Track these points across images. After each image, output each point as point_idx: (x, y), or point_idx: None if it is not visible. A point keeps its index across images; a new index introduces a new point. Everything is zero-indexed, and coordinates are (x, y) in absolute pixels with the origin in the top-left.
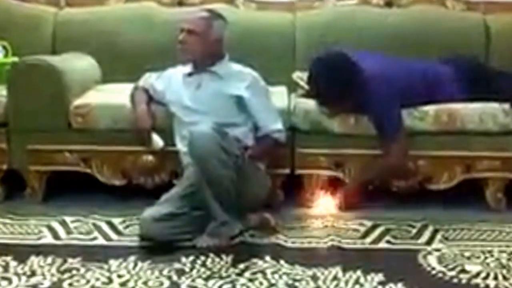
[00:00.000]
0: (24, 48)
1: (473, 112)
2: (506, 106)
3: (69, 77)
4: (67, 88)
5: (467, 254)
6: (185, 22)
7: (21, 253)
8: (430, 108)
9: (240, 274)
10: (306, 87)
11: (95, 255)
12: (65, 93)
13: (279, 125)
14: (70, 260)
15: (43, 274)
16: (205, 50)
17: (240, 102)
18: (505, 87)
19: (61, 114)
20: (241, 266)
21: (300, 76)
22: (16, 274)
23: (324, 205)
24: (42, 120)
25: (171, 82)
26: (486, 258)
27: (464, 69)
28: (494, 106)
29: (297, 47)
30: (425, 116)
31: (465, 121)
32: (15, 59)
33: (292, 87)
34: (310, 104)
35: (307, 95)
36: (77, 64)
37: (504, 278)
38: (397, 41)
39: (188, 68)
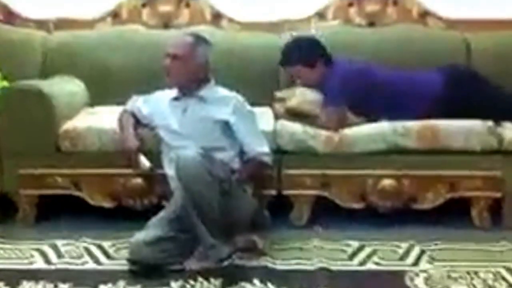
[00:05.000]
0: (14, 71)
1: (458, 130)
2: (490, 123)
3: (58, 101)
4: (56, 113)
5: (453, 275)
6: (170, 46)
7: (12, 277)
8: (414, 124)
9: None
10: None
11: (85, 279)
12: (54, 118)
13: (265, 148)
14: (61, 285)
15: None
16: (190, 75)
17: (226, 126)
18: (489, 104)
19: (50, 138)
20: None
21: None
22: None
23: (311, 225)
24: (33, 144)
25: (158, 106)
26: (472, 279)
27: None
28: (478, 123)
29: (281, 68)
30: (408, 132)
31: (449, 139)
32: (5, 83)
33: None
34: (295, 126)
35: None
36: (66, 87)
37: None
38: (379, 61)
39: (174, 92)
